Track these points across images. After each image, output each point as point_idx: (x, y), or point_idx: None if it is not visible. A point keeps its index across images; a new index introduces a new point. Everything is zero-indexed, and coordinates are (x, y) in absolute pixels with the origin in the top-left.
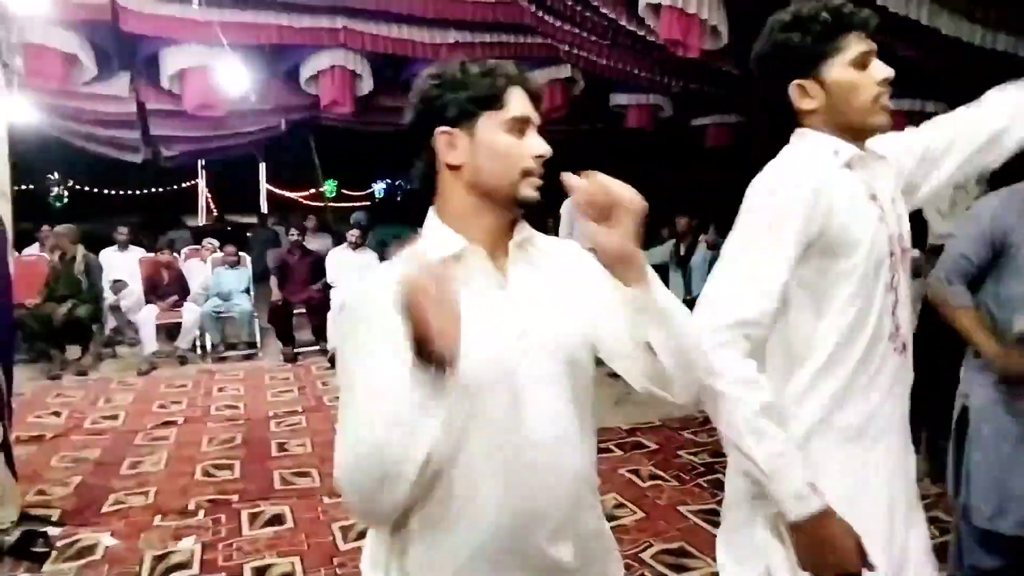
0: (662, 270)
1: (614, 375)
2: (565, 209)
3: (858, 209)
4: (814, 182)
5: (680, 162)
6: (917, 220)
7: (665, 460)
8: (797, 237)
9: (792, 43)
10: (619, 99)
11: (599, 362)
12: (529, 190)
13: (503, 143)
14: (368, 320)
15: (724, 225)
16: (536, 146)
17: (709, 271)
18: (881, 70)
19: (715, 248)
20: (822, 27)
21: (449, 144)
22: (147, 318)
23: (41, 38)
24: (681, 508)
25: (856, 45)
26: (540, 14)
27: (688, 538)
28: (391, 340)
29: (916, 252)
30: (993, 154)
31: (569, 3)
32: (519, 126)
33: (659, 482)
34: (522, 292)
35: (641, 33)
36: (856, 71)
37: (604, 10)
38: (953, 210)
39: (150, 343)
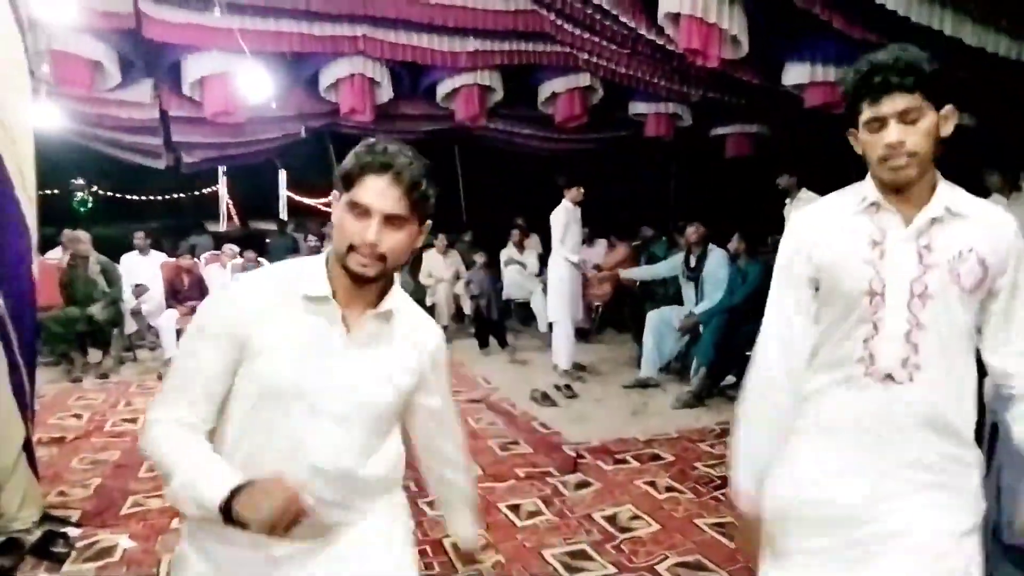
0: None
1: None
2: (556, 218)
3: (846, 250)
4: (804, 227)
5: (699, 171)
6: None
7: (682, 472)
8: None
9: (846, 97)
10: (638, 108)
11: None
12: (354, 264)
13: (340, 218)
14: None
15: (748, 234)
16: (364, 233)
17: (726, 280)
18: (888, 135)
19: (737, 258)
20: (849, 91)
21: (336, 204)
22: (167, 323)
23: (68, 46)
24: (698, 521)
25: (867, 111)
26: (559, 23)
27: (704, 551)
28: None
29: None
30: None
31: (588, 12)
32: (359, 210)
33: (675, 494)
34: (357, 352)
35: (661, 42)
36: (868, 132)
37: (623, 19)
38: None
39: (170, 347)
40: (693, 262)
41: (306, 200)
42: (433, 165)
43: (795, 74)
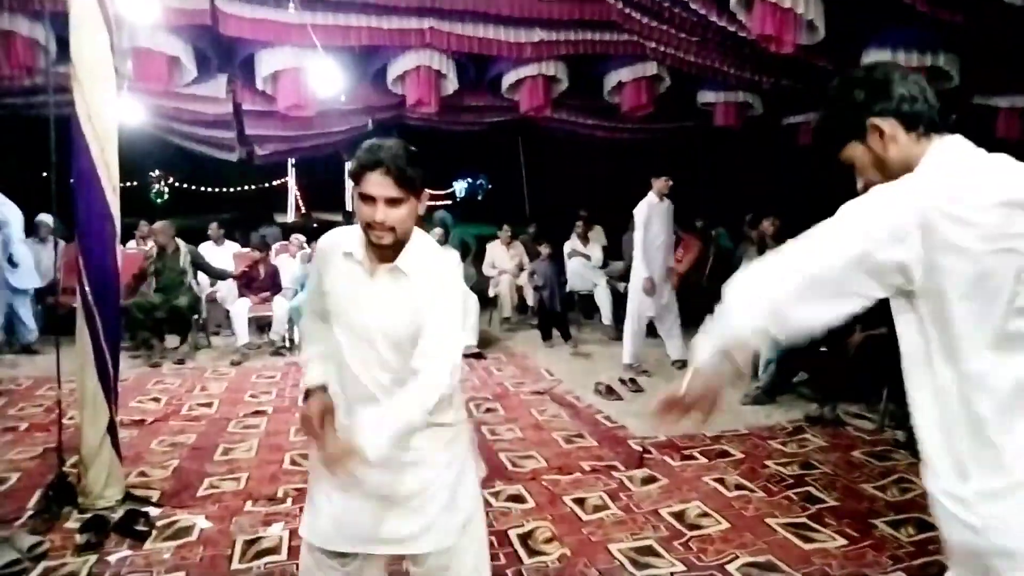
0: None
1: None
2: (637, 212)
3: None
4: None
5: (770, 161)
6: None
7: (752, 470)
8: None
9: None
10: (706, 96)
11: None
12: (373, 237)
13: (357, 206)
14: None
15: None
16: (373, 215)
17: None
18: None
19: None
20: None
21: (354, 194)
22: (240, 311)
23: (148, 42)
24: (769, 520)
25: None
26: (626, 11)
27: (776, 552)
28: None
29: None
30: None
31: None
32: (367, 198)
33: (746, 492)
34: (378, 292)
35: (732, 29)
36: None
37: (693, 6)
38: None
39: (242, 335)
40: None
41: None
42: (419, 151)
43: (875, 59)
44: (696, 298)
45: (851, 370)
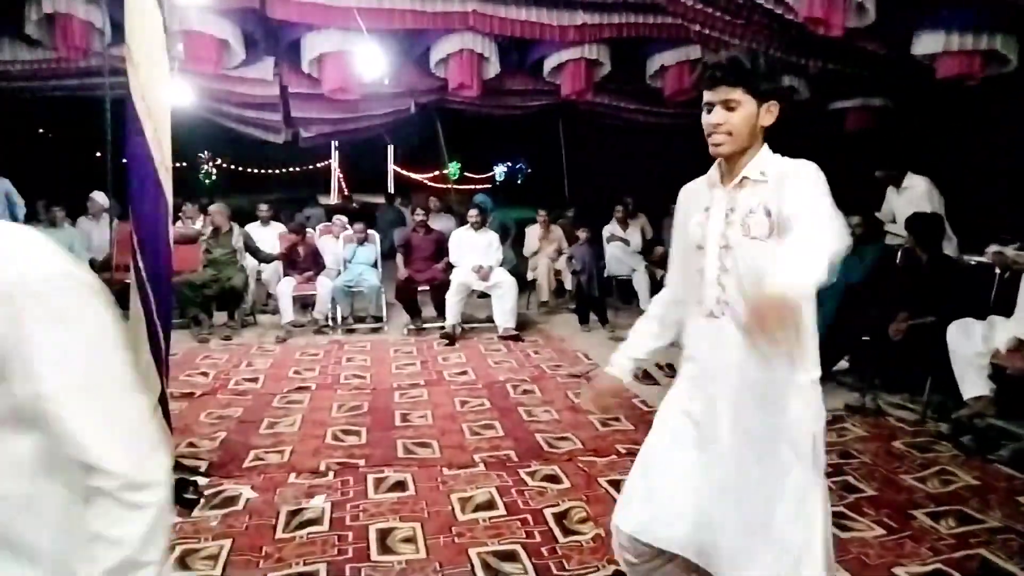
0: None
1: None
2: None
3: (690, 215)
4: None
5: (815, 147)
6: None
7: None
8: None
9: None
10: None
11: None
12: None
13: None
14: None
15: (868, 210)
16: None
17: (852, 258)
18: (709, 118)
19: (853, 236)
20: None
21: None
22: (284, 290)
23: (198, 25)
24: None
25: (704, 95)
26: None
27: None
28: None
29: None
30: None
31: None
32: None
33: None
34: None
35: (778, 11)
36: (704, 114)
37: None
38: None
39: (287, 313)
40: None
41: (412, 175)
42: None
43: (927, 43)
44: None
45: (894, 359)
